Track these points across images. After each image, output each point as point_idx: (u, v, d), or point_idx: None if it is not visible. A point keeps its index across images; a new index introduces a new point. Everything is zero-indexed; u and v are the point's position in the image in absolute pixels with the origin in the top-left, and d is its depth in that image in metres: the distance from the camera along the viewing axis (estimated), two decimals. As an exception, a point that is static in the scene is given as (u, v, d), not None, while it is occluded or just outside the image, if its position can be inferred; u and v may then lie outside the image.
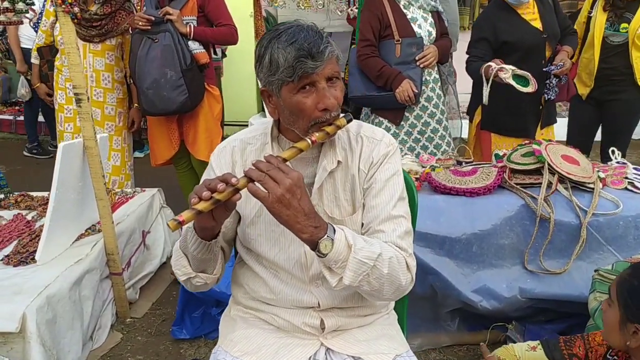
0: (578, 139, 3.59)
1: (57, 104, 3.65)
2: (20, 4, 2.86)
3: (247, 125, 5.76)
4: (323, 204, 1.41)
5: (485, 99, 3.07)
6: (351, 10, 5.71)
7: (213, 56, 3.67)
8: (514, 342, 2.46)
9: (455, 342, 2.61)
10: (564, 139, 3.71)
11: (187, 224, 1.18)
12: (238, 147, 1.49)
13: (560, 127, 3.68)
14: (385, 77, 3.17)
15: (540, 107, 3.30)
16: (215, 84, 3.54)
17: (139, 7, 3.40)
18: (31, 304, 2.13)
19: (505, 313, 2.48)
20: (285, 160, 1.25)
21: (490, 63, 3.01)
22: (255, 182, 1.20)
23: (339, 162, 1.42)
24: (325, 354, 1.43)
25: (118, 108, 3.61)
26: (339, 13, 6.10)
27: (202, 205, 1.17)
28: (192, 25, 3.20)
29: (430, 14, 3.30)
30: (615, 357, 1.68)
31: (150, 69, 3.15)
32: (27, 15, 4.73)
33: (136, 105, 3.64)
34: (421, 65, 3.22)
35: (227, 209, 1.25)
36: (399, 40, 3.19)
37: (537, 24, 3.20)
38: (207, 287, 1.45)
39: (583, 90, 3.56)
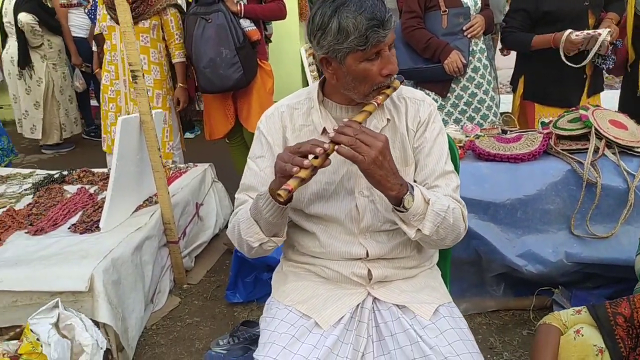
0: (633, 106, 3.37)
1: (102, 85, 3.74)
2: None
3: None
4: None
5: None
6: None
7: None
8: (561, 307, 2.47)
9: (501, 307, 2.64)
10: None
11: (294, 191, 1.26)
12: (286, 112, 1.57)
13: (609, 99, 3.55)
14: (433, 48, 3.17)
15: (584, 77, 3.18)
16: (267, 59, 3.62)
17: None
18: (98, 266, 2.29)
19: (551, 278, 2.49)
20: (360, 124, 1.33)
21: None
22: (343, 146, 1.28)
23: (388, 120, 1.51)
24: (372, 303, 1.50)
25: (156, 89, 3.62)
26: (384, -10, 6.05)
27: (303, 173, 1.26)
28: (242, 4, 3.29)
29: (473, -16, 3.29)
30: None
31: (206, 48, 3.25)
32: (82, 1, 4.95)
33: (180, 84, 3.71)
34: (469, 36, 3.21)
35: (312, 175, 1.32)
36: (445, 11, 3.17)
37: None
38: (271, 252, 1.52)
39: (632, 57, 3.43)
